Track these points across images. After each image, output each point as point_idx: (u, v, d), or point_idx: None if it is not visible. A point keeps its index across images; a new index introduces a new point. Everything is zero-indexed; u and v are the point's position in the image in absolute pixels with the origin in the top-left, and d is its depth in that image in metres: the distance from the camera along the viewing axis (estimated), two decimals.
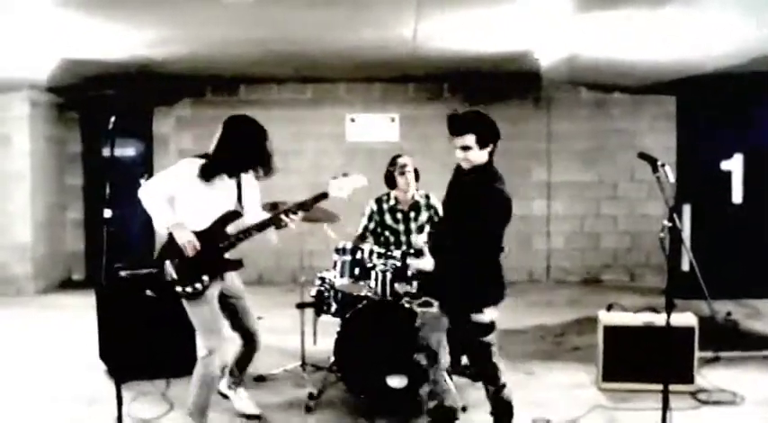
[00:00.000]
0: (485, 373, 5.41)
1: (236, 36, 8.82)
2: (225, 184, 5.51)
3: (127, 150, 12.49)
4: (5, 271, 11.63)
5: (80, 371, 7.36)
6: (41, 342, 8.65)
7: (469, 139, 5.10)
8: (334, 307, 6.77)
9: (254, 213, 5.68)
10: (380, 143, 12.52)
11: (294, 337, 7.32)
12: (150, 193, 5.33)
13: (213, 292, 5.46)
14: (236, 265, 5.62)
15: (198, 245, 5.30)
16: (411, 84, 12.71)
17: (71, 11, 7.40)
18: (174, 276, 5.34)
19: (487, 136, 5.16)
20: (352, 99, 12.81)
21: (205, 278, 5.35)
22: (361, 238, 7.29)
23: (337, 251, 6.68)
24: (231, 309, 5.77)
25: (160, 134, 12.66)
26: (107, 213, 5.09)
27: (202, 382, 5.40)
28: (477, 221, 4.96)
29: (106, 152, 6.00)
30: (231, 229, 5.49)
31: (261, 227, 5.51)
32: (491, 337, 5.24)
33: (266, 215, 5.66)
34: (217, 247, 5.42)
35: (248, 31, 8.52)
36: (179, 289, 5.33)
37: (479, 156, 5.14)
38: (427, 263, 5.25)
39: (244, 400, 6.18)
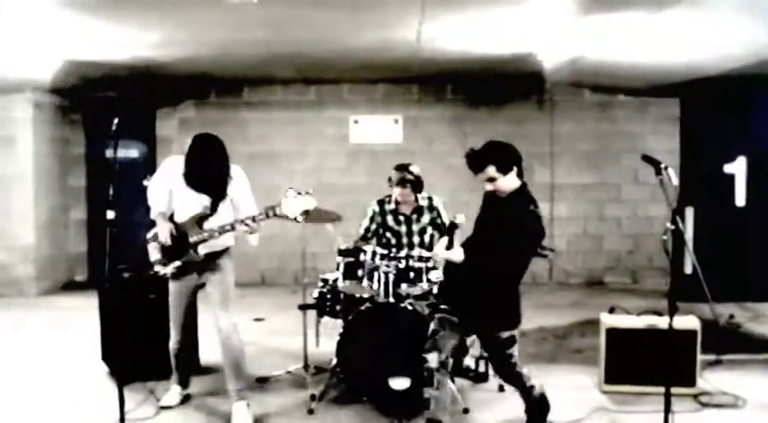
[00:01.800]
0: (509, 381, 5.67)
1: (240, 37, 8.83)
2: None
3: (130, 152, 12.49)
4: (8, 272, 11.64)
5: (82, 372, 7.35)
6: (43, 343, 8.65)
7: (491, 171, 5.15)
8: (336, 308, 6.78)
9: (244, 211, 6.03)
10: (384, 145, 12.54)
11: (297, 338, 7.31)
12: (152, 185, 6.07)
13: (187, 284, 6.11)
14: (205, 257, 6.02)
15: (168, 235, 5.90)
16: (415, 85, 12.71)
17: (74, 12, 7.42)
18: (156, 258, 6.03)
19: (506, 162, 5.19)
20: (355, 100, 12.81)
21: (177, 263, 5.93)
22: (363, 239, 7.28)
23: (340, 253, 6.67)
24: (207, 295, 6.14)
25: (163, 136, 12.67)
26: (110, 215, 5.12)
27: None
28: (510, 243, 5.06)
29: (109, 154, 6.02)
30: (206, 225, 5.95)
31: (222, 230, 5.92)
32: (512, 350, 5.38)
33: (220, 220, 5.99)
34: (187, 240, 5.91)
35: (251, 32, 8.52)
36: (156, 269, 6.03)
37: (507, 182, 5.21)
38: (458, 254, 5.15)
39: (239, 413, 5.94)
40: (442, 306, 5.42)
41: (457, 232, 5.22)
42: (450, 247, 5.18)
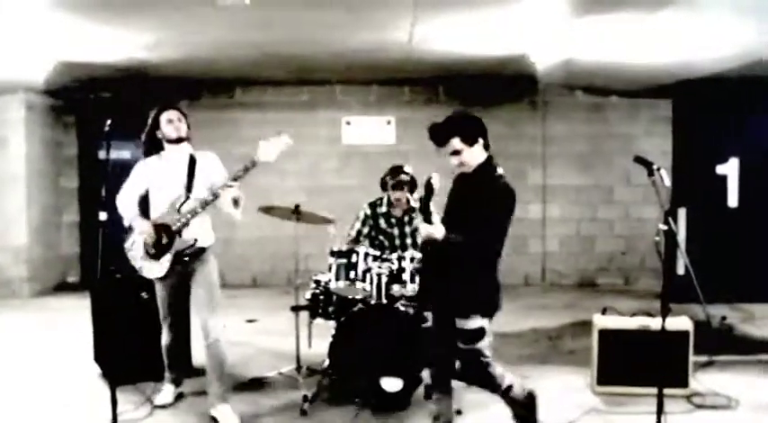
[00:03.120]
0: (476, 381, 5.25)
1: (232, 38, 8.82)
2: (177, 169, 6.00)
3: (123, 153, 12.43)
4: (0, 273, 11.63)
5: (74, 373, 7.34)
6: (36, 345, 8.63)
7: (455, 143, 4.94)
8: (329, 310, 6.79)
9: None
10: (376, 146, 12.55)
11: (289, 339, 7.30)
12: (120, 199, 6.07)
13: (172, 281, 6.02)
14: (192, 243, 5.90)
15: (151, 231, 5.86)
16: (407, 86, 12.73)
17: (67, 13, 7.41)
18: (142, 263, 5.98)
19: (472, 132, 5.00)
20: (348, 102, 12.81)
21: (167, 257, 5.87)
22: (355, 241, 7.29)
23: (332, 254, 6.67)
24: (192, 297, 6.04)
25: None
26: (102, 216, 5.14)
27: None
28: (482, 214, 4.82)
29: (102, 155, 6.01)
30: (183, 210, 5.88)
31: (204, 204, 5.81)
32: (482, 345, 4.95)
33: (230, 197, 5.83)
34: (170, 228, 5.83)
35: (244, 33, 8.52)
36: (147, 273, 5.98)
37: (473, 155, 5.01)
38: (438, 230, 4.80)
39: (223, 416, 5.94)
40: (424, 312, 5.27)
41: (433, 198, 4.98)
42: (426, 209, 4.90)
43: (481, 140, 5.02)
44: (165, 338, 6.26)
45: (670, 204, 4.92)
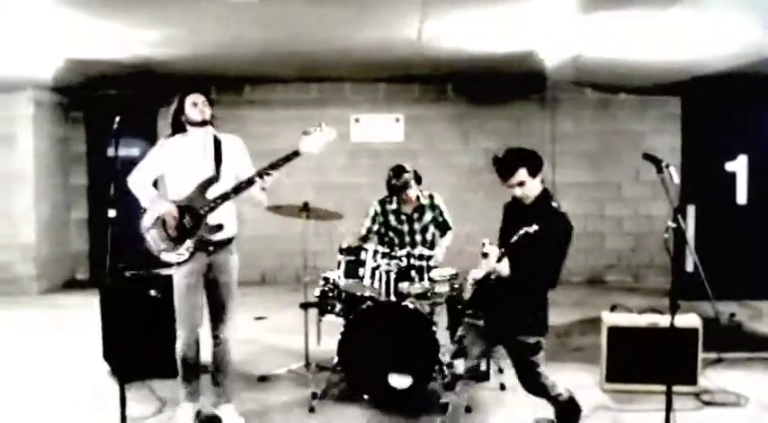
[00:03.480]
0: (533, 390, 5.47)
1: (241, 35, 8.82)
2: (203, 151, 5.82)
3: (131, 150, 12.44)
4: (9, 271, 11.66)
5: (83, 371, 7.36)
6: (45, 342, 8.66)
7: (522, 174, 5.17)
8: (337, 307, 6.80)
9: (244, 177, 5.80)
10: (385, 143, 12.53)
11: (298, 337, 7.31)
12: (134, 180, 5.73)
13: (196, 272, 5.68)
14: (217, 228, 5.71)
15: (176, 212, 5.57)
16: (416, 84, 12.71)
17: (75, 10, 7.41)
18: (162, 246, 5.65)
19: (536, 164, 5.24)
20: (356, 99, 12.80)
21: (189, 243, 5.62)
22: (364, 239, 7.29)
23: (341, 251, 6.67)
24: (208, 294, 5.84)
25: (164, 134, 12.64)
26: (111, 213, 5.10)
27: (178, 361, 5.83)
28: (542, 247, 5.03)
29: (111, 152, 6.01)
30: (210, 193, 5.68)
31: (237, 189, 5.65)
32: (537, 357, 5.29)
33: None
34: (197, 211, 5.60)
35: (252, 30, 8.52)
36: (165, 257, 5.66)
37: (535, 186, 5.24)
38: (505, 267, 5.06)
39: (227, 416, 5.94)
40: (469, 311, 5.38)
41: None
42: (501, 258, 5.09)
43: (541, 173, 5.28)
44: (181, 344, 5.79)
45: (679, 201, 4.91)
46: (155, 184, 5.82)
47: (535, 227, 4.99)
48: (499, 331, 5.29)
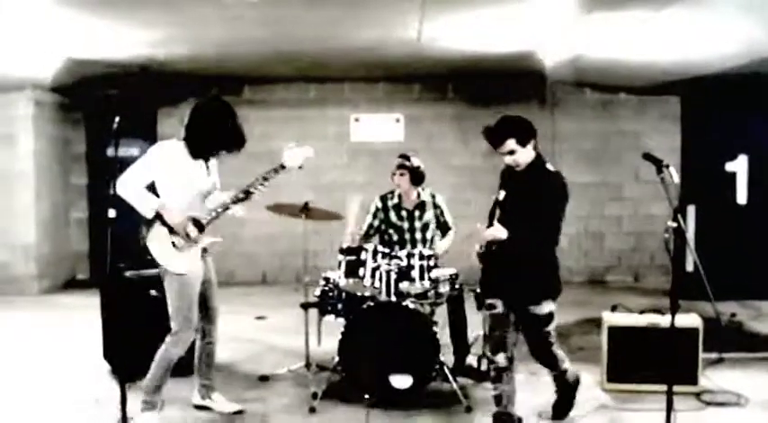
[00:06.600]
0: (544, 361, 5.72)
1: (240, 36, 8.83)
2: (199, 161, 5.81)
3: (131, 150, 12.43)
4: (9, 271, 11.65)
5: (84, 371, 7.36)
6: (45, 342, 8.66)
7: (511, 144, 5.33)
8: (338, 307, 6.78)
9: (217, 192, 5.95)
10: (385, 143, 12.52)
11: (298, 337, 7.31)
12: (128, 185, 5.50)
13: (199, 272, 5.76)
14: (214, 242, 5.80)
15: (190, 224, 5.61)
16: (416, 84, 12.71)
17: (75, 10, 7.42)
18: (170, 256, 5.62)
19: (525, 134, 5.40)
20: (356, 99, 12.80)
21: (196, 251, 5.70)
22: (366, 236, 7.30)
23: (341, 251, 6.67)
24: (201, 294, 5.87)
25: (164, 134, 12.62)
26: (111, 213, 5.10)
27: (161, 363, 5.70)
28: (539, 209, 5.27)
29: (110, 152, 6.01)
30: (213, 203, 5.82)
31: (236, 200, 5.76)
32: (550, 328, 5.50)
33: (226, 195, 5.86)
34: (201, 222, 5.67)
35: (252, 30, 8.53)
36: (173, 267, 5.62)
37: (526, 154, 5.40)
38: (501, 231, 5.20)
39: (220, 402, 6.19)
40: (488, 301, 5.48)
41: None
42: (491, 219, 5.36)
43: (533, 141, 5.45)
44: (181, 347, 5.76)
45: (679, 201, 4.90)
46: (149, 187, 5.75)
47: (503, 193, 5.38)
48: (514, 304, 5.40)
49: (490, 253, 5.44)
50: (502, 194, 5.41)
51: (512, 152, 5.35)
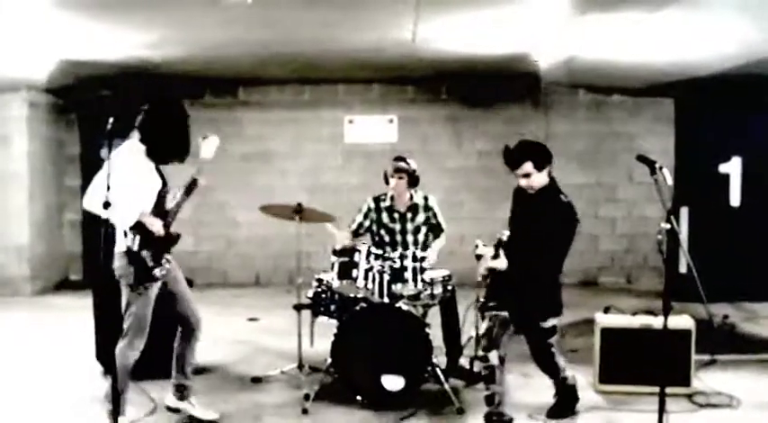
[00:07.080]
0: (546, 369, 5.99)
1: (235, 37, 8.82)
2: (150, 163, 5.66)
3: None
4: (2, 272, 11.63)
5: (76, 372, 7.35)
6: (38, 343, 8.65)
7: (527, 167, 5.58)
8: (331, 308, 6.78)
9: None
10: (379, 145, 12.51)
11: (291, 338, 7.31)
12: (100, 202, 5.13)
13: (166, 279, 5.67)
14: (177, 237, 5.71)
15: (162, 228, 5.53)
16: (410, 85, 12.70)
17: (69, 12, 7.42)
18: (154, 263, 5.51)
19: (542, 159, 5.65)
20: (350, 100, 12.79)
21: (168, 257, 5.61)
22: (355, 234, 7.29)
23: (335, 253, 6.67)
24: (171, 294, 5.79)
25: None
26: (105, 214, 5.07)
27: (120, 370, 5.45)
28: (546, 235, 5.46)
29: (104, 154, 5.98)
30: (171, 203, 5.68)
31: (182, 200, 5.68)
32: (553, 340, 5.85)
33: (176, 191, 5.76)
34: (166, 224, 5.60)
35: (247, 32, 8.53)
36: (156, 273, 5.51)
37: (540, 178, 5.66)
38: (502, 263, 5.53)
39: (198, 407, 6.02)
40: (491, 304, 5.71)
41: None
42: (495, 256, 5.55)
43: (548, 167, 5.71)
44: (135, 353, 5.62)
45: (672, 203, 4.91)
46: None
47: (507, 233, 5.51)
48: (520, 321, 5.65)
49: (495, 275, 5.67)
50: (506, 235, 5.54)
51: (527, 175, 5.59)
